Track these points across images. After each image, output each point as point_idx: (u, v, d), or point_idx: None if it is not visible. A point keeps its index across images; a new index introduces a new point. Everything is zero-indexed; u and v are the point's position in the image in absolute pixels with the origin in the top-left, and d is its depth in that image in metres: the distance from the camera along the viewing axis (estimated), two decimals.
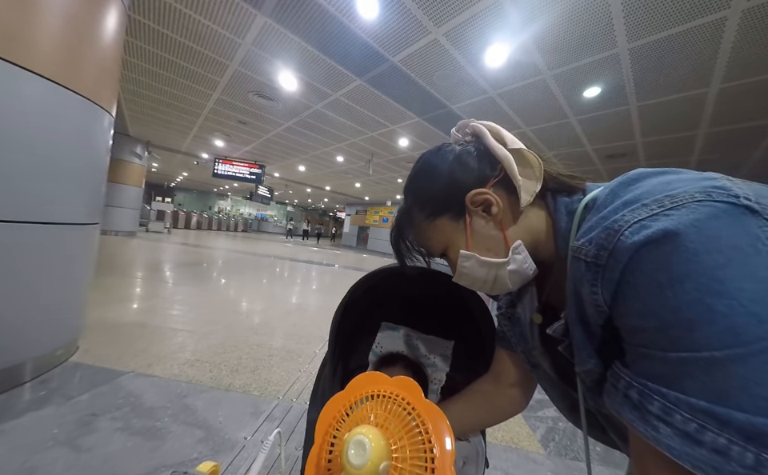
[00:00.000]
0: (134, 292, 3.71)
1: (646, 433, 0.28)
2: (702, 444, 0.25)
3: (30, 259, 1.64)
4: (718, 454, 0.24)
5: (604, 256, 0.31)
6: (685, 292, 0.25)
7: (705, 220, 0.26)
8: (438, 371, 0.74)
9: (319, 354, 2.56)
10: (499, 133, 0.47)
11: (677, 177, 0.32)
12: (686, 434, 0.25)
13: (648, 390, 0.28)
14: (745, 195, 0.27)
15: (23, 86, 1.52)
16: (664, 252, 0.27)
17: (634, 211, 0.30)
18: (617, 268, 0.30)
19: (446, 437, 0.40)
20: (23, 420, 1.40)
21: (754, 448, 0.23)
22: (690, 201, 0.28)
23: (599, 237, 0.32)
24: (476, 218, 0.45)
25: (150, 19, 3.14)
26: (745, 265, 0.25)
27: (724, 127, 3.93)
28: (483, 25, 2.67)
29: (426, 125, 5.13)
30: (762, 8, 2.18)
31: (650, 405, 0.28)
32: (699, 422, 0.25)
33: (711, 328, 0.24)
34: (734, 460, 0.23)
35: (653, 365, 0.28)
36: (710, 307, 0.24)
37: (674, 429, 0.26)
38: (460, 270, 0.47)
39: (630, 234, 0.29)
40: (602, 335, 0.35)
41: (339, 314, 0.64)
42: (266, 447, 0.58)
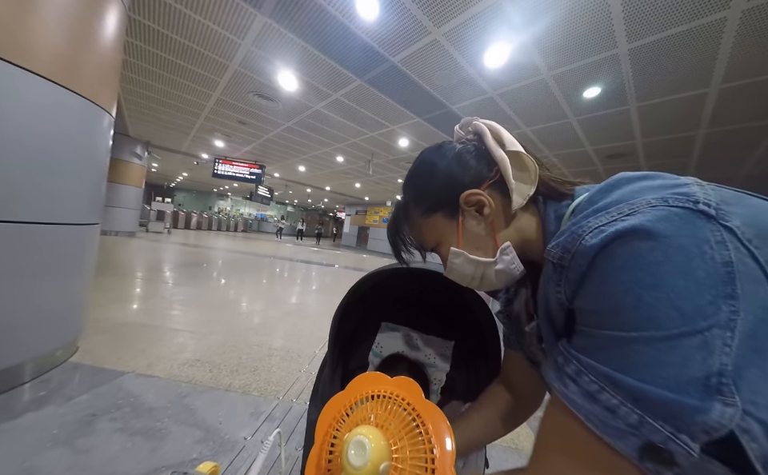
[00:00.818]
0: (134, 292, 3.71)
1: (557, 389, 0.33)
2: (597, 402, 0.29)
3: (29, 259, 1.64)
4: (608, 411, 0.29)
5: (567, 258, 0.34)
6: (621, 282, 0.29)
7: (654, 221, 0.29)
8: (438, 371, 0.74)
9: (319, 354, 2.56)
10: (499, 133, 0.48)
11: (649, 184, 0.34)
12: (587, 393, 0.30)
13: (570, 356, 0.33)
14: (705, 201, 0.30)
15: (23, 87, 1.51)
16: (612, 249, 0.30)
17: (598, 217, 0.33)
18: (578, 269, 0.33)
19: (446, 438, 0.40)
20: (23, 420, 1.40)
21: (640, 410, 0.27)
22: (645, 206, 0.30)
23: (566, 241, 0.35)
24: (468, 218, 0.47)
25: (150, 19, 3.14)
26: (685, 264, 0.27)
27: (724, 127, 3.93)
28: (483, 25, 2.68)
29: (426, 126, 5.13)
30: (762, 8, 2.18)
31: (567, 368, 0.33)
32: (600, 385, 0.29)
33: (635, 313, 0.28)
34: (620, 417, 0.28)
35: (582, 338, 0.33)
36: (639, 296, 0.28)
37: (579, 388, 0.31)
38: (450, 266, 0.50)
39: (590, 238, 0.32)
40: (563, 331, 0.38)
41: (339, 314, 0.64)
42: (265, 447, 0.58)
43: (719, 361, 0.26)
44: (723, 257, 0.27)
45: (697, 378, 0.26)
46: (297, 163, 9.53)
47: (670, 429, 0.26)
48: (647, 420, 0.27)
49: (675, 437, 0.26)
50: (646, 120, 4.01)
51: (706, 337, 0.26)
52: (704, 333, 0.26)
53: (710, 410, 0.25)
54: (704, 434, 0.26)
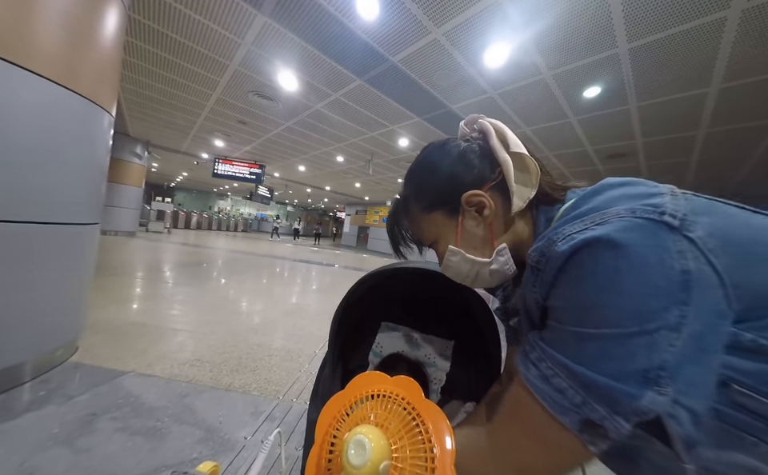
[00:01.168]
0: (134, 292, 3.71)
1: (521, 371, 0.38)
2: (550, 384, 0.35)
3: (29, 259, 1.64)
4: (558, 392, 0.34)
5: (543, 262, 0.38)
6: (586, 284, 0.33)
7: (620, 231, 0.32)
8: (438, 371, 0.74)
9: (319, 354, 2.56)
10: (504, 134, 0.49)
11: (626, 192, 0.37)
12: (544, 376, 0.35)
13: (535, 344, 0.38)
14: (672, 212, 0.32)
15: (23, 86, 1.51)
16: (581, 256, 0.33)
17: (573, 225, 0.36)
18: (551, 272, 0.36)
19: (446, 437, 0.40)
20: (23, 420, 1.40)
21: (584, 393, 0.32)
22: (613, 217, 0.33)
23: (542, 247, 0.38)
24: (468, 218, 0.48)
25: (149, 19, 3.14)
26: (644, 271, 0.30)
27: (724, 127, 3.93)
28: (483, 25, 2.67)
29: (426, 125, 5.13)
30: (762, 8, 2.18)
31: (531, 354, 0.38)
32: (555, 370, 0.34)
33: (594, 313, 0.32)
34: (567, 398, 0.33)
35: (550, 332, 0.37)
36: (600, 299, 0.32)
37: (538, 372, 0.36)
38: (446, 263, 0.51)
39: (562, 245, 0.35)
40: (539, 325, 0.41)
41: (339, 314, 0.64)
42: (265, 447, 0.58)
43: (661, 357, 0.29)
44: (682, 266, 0.30)
45: (638, 371, 0.30)
46: (297, 163, 9.53)
47: (607, 410, 0.31)
48: (589, 402, 0.32)
49: (610, 417, 0.31)
50: (645, 120, 4.00)
51: (654, 338, 0.30)
52: (652, 333, 0.30)
53: (643, 398, 0.30)
54: (635, 416, 0.30)
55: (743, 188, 6.17)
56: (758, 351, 0.30)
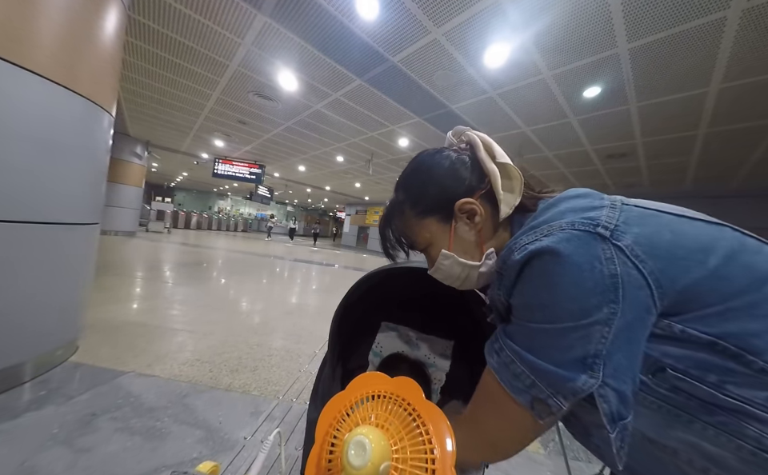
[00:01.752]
0: (134, 292, 3.71)
1: (488, 360, 0.45)
2: (509, 369, 0.42)
3: (29, 259, 1.64)
4: (514, 376, 0.41)
5: (504, 268, 0.45)
6: (533, 286, 0.40)
7: (559, 242, 0.38)
8: (438, 371, 0.74)
9: (319, 354, 2.55)
10: (491, 146, 0.53)
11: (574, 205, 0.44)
12: (504, 363, 0.43)
13: (498, 336, 0.45)
14: (605, 224, 0.39)
15: (23, 86, 1.51)
16: (531, 263, 0.40)
17: (527, 235, 0.43)
18: (509, 277, 0.43)
19: (447, 438, 0.40)
20: (23, 420, 1.40)
21: (533, 376, 0.39)
22: (557, 230, 0.40)
23: (503, 255, 0.45)
24: (460, 224, 0.52)
25: (150, 19, 3.14)
26: (578, 276, 0.37)
27: (724, 127, 3.93)
28: (483, 25, 2.67)
29: (426, 125, 5.13)
30: (762, 8, 2.18)
31: (495, 344, 0.45)
32: (512, 358, 0.41)
33: (539, 310, 0.39)
34: (521, 380, 0.40)
35: (510, 326, 0.44)
36: (542, 298, 0.39)
37: (499, 359, 0.43)
38: (438, 266, 0.54)
39: (517, 254, 0.42)
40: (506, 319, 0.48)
41: (339, 314, 0.64)
42: (265, 447, 0.58)
43: (595, 347, 0.36)
44: (610, 271, 0.36)
45: (576, 358, 0.37)
46: (297, 163, 9.52)
47: (551, 391, 0.38)
48: (537, 383, 0.39)
49: (554, 396, 0.38)
50: (645, 120, 4.00)
51: (589, 331, 0.36)
52: (587, 328, 0.36)
53: (577, 380, 0.36)
54: (572, 395, 0.37)
55: (743, 187, 6.18)
56: (687, 340, 0.36)
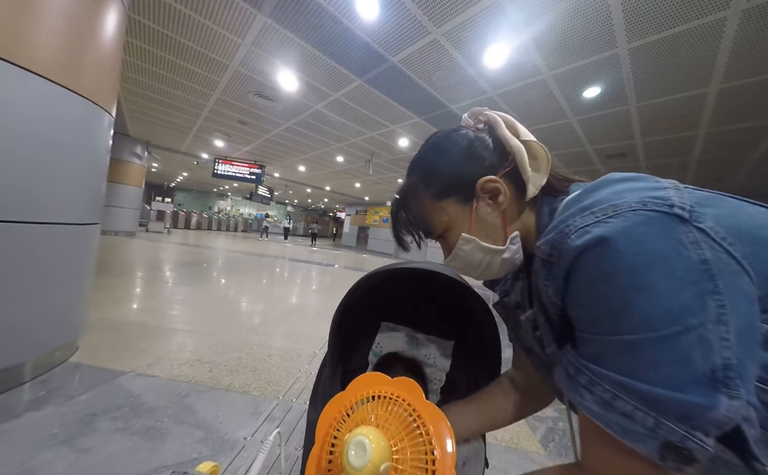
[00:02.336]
0: (134, 292, 3.71)
1: (573, 399, 0.34)
2: (614, 408, 0.30)
3: (29, 259, 1.64)
4: (625, 417, 0.30)
5: (555, 255, 0.36)
6: (611, 286, 0.31)
7: (634, 227, 0.31)
8: (438, 371, 0.74)
9: (319, 354, 2.55)
10: (513, 124, 0.49)
11: (632, 186, 0.36)
12: (603, 401, 0.31)
13: (580, 365, 0.34)
14: (680, 204, 0.31)
15: (23, 87, 1.51)
16: (598, 253, 0.32)
17: (583, 217, 0.35)
18: (563, 266, 0.35)
19: (447, 439, 0.40)
20: (23, 420, 1.40)
21: (654, 413, 0.28)
22: (626, 210, 0.32)
23: (553, 239, 0.37)
24: (482, 205, 0.47)
25: (150, 19, 3.14)
26: (664, 266, 0.29)
27: (724, 127, 3.93)
28: (483, 25, 2.67)
29: (426, 125, 5.13)
30: (762, 8, 2.18)
31: (580, 378, 0.34)
32: (614, 392, 0.30)
33: (630, 316, 0.29)
34: (638, 422, 0.29)
35: (587, 346, 0.34)
36: (630, 300, 0.29)
37: (595, 397, 0.32)
38: (456, 253, 0.49)
39: (575, 238, 0.34)
40: (559, 323, 0.39)
41: (339, 315, 0.63)
42: (265, 447, 0.58)
43: (721, 355, 0.27)
44: (699, 256, 0.29)
45: (701, 374, 0.27)
46: (297, 163, 9.52)
47: (685, 428, 0.27)
48: (662, 421, 0.28)
49: (691, 435, 0.27)
50: (646, 120, 4.00)
51: (701, 333, 0.27)
52: (698, 329, 0.27)
53: (718, 406, 0.26)
54: (716, 429, 0.27)
55: (743, 188, 6.18)
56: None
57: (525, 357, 0.58)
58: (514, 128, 0.49)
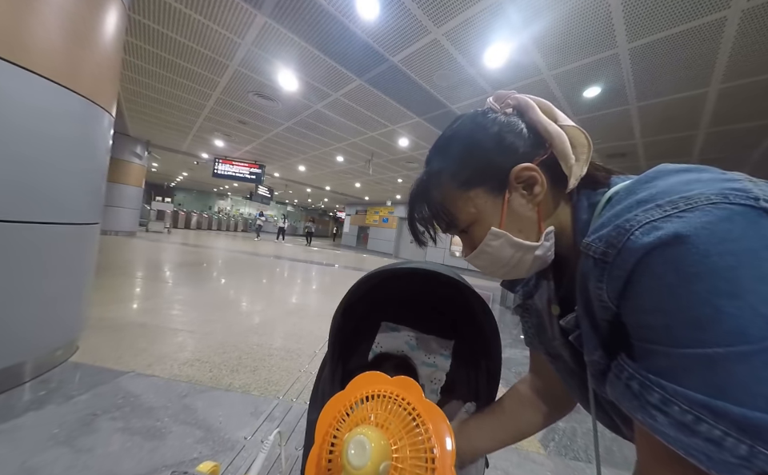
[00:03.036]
0: (134, 292, 3.71)
1: (643, 421, 0.30)
2: (696, 433, 0.26)
3: (29, 259, 1.64)
4: (712, 444, 0.25)
5: (612, 254, 0.31)
6: (694, 292, 0.26)
7: (718, 222, 0.26)
8: (438, 371, 0.74)
9: (319, 354, 2.56)
10: (550, 109, 0.45)
11: (697, 176, 0.31)
12: (681, 424, 0.27)
13: (649, 382, 0.29)
14: (765, 197, 0.27)
15: (23, 86, 1.51)
16: (674, 254, 0.27)
17: (647, 211, 0.30)
18: (624, 267, 0.30)
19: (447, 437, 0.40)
20: (23, 420, 1.40)
21: (749, 440, 0.24)
22: (704, 203, 0.27)
23: (609, 235, 0.32)
24: (516, 196, 0.43)
25: (150, 19, 3.14)
26: (758, 267, 0.25)
27: (724, 127, 3.93)
28: (483, 25, 2.67)
29: (426, 125, 5.13)
30: (762, 8, 2.18)
31: (649, 396, 0.29)
32: (696, 414, 0.26)
33: (718, 327, 0.25)
34: (728, 449, 0.25)
35: (656, 359, 0.29)
36: (719, 307, 0.25)
37: (670, 419, 0.27)
38: (483, 248, 0.44)
39: (641, 235, 0.29)
40: (608, 329, 0.35)
41: (339, 314, 0.63)
42: (265, 447, 0.58)
43: None
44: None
45: None
46: (297, 163, 9.53)
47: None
48: (759, 449, 0.24)
49: None
50: (645, 120, 4.00)
51: None
52: None
53: None
54: None
55: None
56: None
57: (548, 362, 0.55)
58: (552, 112, 0.44)
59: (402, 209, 15.98)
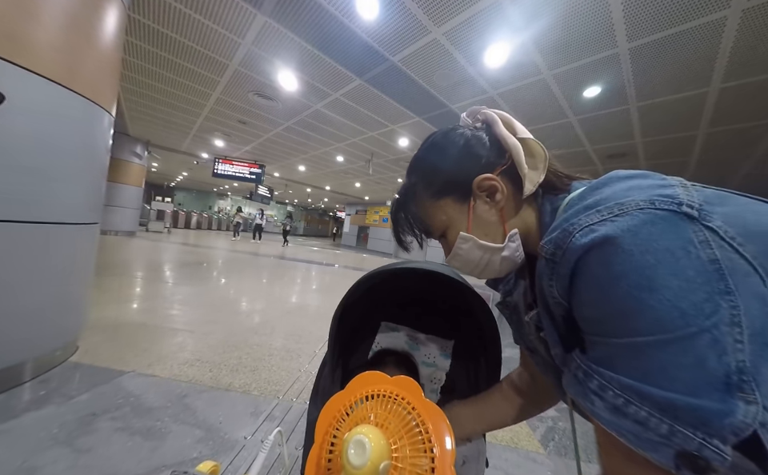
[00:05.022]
0: (134, 292, 3.71)
1: (585, 406, 0.33)
2: (626, 415, 0.29)
3: (29, 259, 1.64)
4: (638, 424, 0.28)
5: (559, 254, 0.35)
6: (620, 287, 0.29)
7: (641, 225, 0.30)
8: (438, 371, 0.74)
9: (319, 354, 2.56)
10: (510, 123, 0.49)
11: (638, 183, 0.35)
12: (614, 407, 0.30)
13: (591, 370, 0.33)
14: (689, 203, 0.30)
15: (23, 86, 1.51)
16: (605, 253, 0.31)
17: (588, 215, 0.33)
18: (567, 266, 0.34)
19: (446, 437, 0.40)
20: (23, 420, 1.40)
21: (669, 420, 0.27)
22: (633, 208, 0.31)
23: (557, 238, 0.35)
24: (480, 203, 0.47)
25: (150, 19, 3.14)
26: (674, 265, 0.28)
27: (724, 127, 3.93)
28: (483, 25, 2.67)
29: (426, 125, 5.13)
30: (762, 8, 2.18)
31: (590, 383, 0.33)
32: (625, 397, 0.29)
33: (641, 318, 0.28)
34: (652, 429, 0.28)
35: (595, 349, 0.33)
36: (640, 300, 0.28)
37: (605, 403, 0.31)
38: (456, 251, 0.49)
39: (580, 237, 0.33)
40: (563, 325, 0.39)
41: (339, 314, 0.63)
42: (265, 447, 0.58)
43: (735, 358, 0.26)
44: (708, 256, 0.28)
45: (716, 378, 0.26)
46: (297, 163, 9.53)
47: (701, 436, 0.26)
48: (677, 428, 0.27)
49: (708, 443, 0.26)
50: (645, 120, 4.00)
51: (715, 335, 0.26)
52: (711, 331, 0.26)
53: (735, 411, 0.25)
54: (733, 436, 0.26)
55: (744, 188, 6.16)
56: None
57: (529, 356, 0.58)
58: (512, 126, 0.49)
59: None
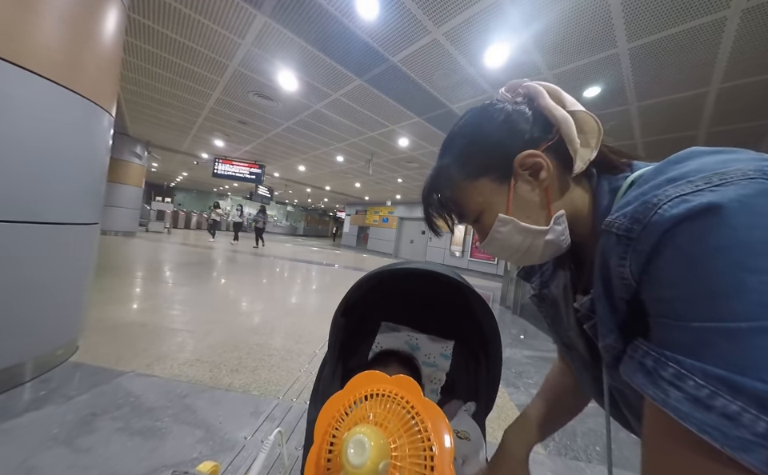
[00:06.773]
0: (134, 292, 3.72)
1: (654, 396, 0.28)
2: (711, 409, 0.24)
3: (29, 259, 1.64)
4: (727, 419, 0.24)
5: (637, 229, 0.30)
6: (717, 264, 0.25)
7: (753, 195, 0.25)
8: (438, 371, 0.74)
9: (319, 354, 2.56)
10: (558, 94, 0.45)
11: (732, 157, 0.30)
12: (695, 399, 0.25)
13: (664, 358, 0.28)
14: None
15: (23, 86, 1.51)
16: (702, 225, 0.26)
17: (677, 187, 0.29)
18: (648, 241, 0.29)
19: (445, 435, 0.40)
20: (23, 419, 1.40)
21: (764, 414, 0.23)
22: (741, 177, 0.26)
23: (635, 211, 0.31)
24: (521, 182, 0.43)
25: (150, 19, 3.14)
26: None
27: (724, 127, 3.93)
28: (483, 25, 2.68)
29: (426, 125, 5.13)
30: (762, 8, 2.18)
31: (663, 372, 0.28)
32: (712, 388, 0.25)
33: (740, 300, 0.24)
34: (744, 426, 0.23)
35: (673, 334, 0.28)
36: (742, 281, 0.24)
37: (684, 394, 0.26)
38: (493, 235, 0.45)
39: (669, 208, 0.28)
40: (626, 310, 0.34)
41: (339, 314, 0.63)
42: (266, 447, 0.58)
43: None
44: None
45: None
46: (297, 163, 9.53)
47: None
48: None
49: None
50: (645, 120, 4.00)
51: None
52: None
53: None
54: None
55: None
56: None
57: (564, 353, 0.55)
58: (560, 97, 0.45)
59: (403, 209, 15.97)
